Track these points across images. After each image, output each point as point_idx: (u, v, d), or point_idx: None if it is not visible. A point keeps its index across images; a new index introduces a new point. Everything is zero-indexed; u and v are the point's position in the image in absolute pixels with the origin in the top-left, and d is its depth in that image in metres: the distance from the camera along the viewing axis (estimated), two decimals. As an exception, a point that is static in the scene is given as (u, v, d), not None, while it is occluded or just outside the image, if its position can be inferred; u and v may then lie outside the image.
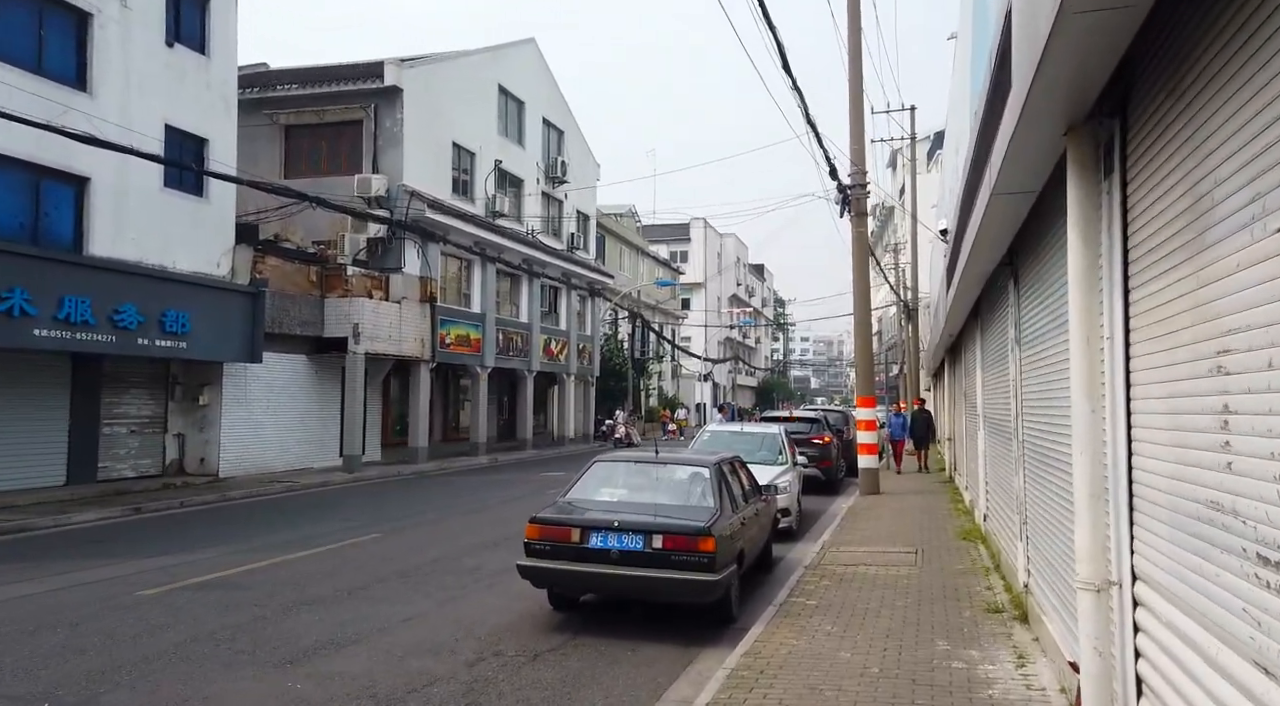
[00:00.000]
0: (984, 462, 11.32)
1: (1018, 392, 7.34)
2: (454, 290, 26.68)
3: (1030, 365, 6.66)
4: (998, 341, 9.06)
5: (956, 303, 11.00)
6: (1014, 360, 7.46)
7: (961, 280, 9.18)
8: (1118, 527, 3.65)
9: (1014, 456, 7.61)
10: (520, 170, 30.36)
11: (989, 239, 6.54)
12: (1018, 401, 7.35)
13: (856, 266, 17.36)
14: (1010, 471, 8.12)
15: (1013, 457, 7.75)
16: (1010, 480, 8.15)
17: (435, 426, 27.71)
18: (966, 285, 9.61)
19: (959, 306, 11.52)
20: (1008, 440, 8.24)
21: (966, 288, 9.81)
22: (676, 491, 8.22)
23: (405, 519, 13.96)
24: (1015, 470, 7.56)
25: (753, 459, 13.42)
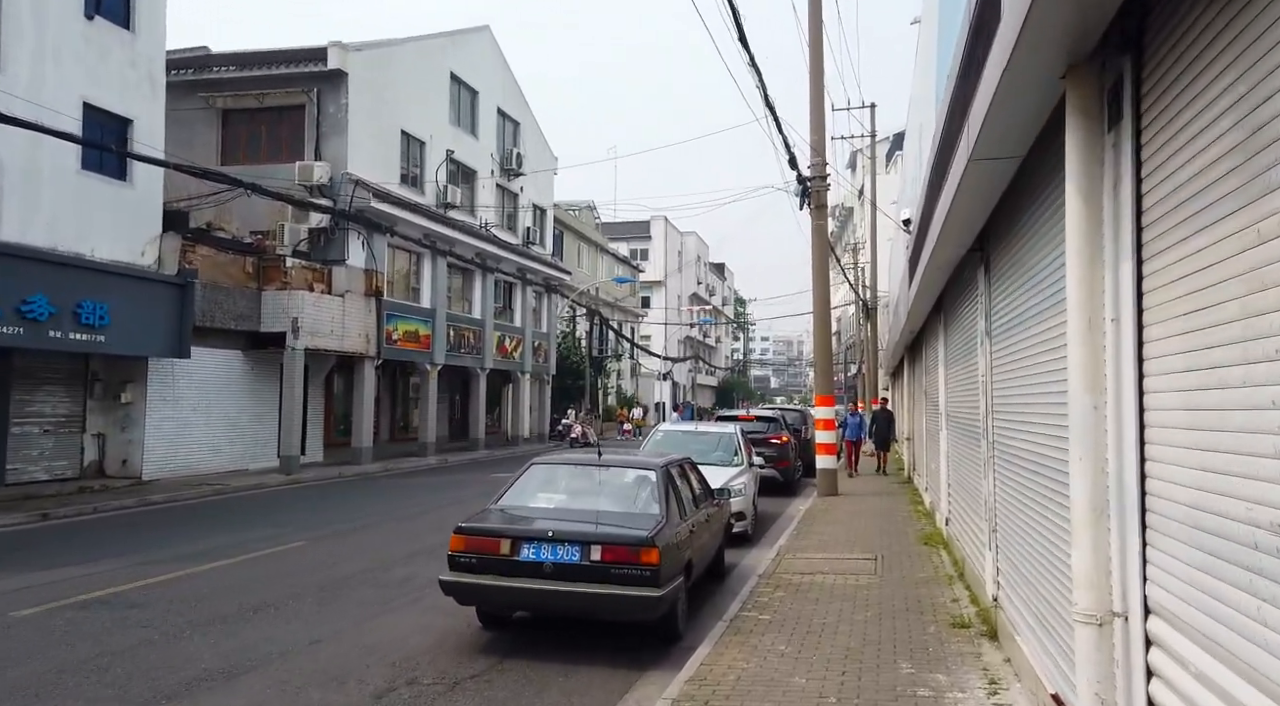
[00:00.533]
0: (946, 464, 10.80)
1: (988, 389, 6.76)
2: (402, 284, 25.68)
3: (1004, 359, 6.07)
4: (964, 335, 8.51)
5: (919, 296, 10.46)
6: (984, 354, 6.89)
7: (926, 271, 8.61)
8: (1124, 549, 3.03)
9: (982, 458, 7.04)
10: (473, 161, 29.42)
11: (960, 220, 5.93)
12: (988, 398, 6.77)
13: (816, 261, 16.83)
14: (977, 474, 7.55)
15: (981, 459, 7.18)
16: (977, 483, 7.59)
17: (382, 426, 26.69)
18: (930, 277, 9.05)
19: (922, 300, 10.99)
20: (975, 440, 7.67)
21: (930, 279, 9.25)
22: (619, 497, 7.52)
23: (337, 524, 13.06)
24: (984, 473, 6.99)
25: (707, 460, 12.80)
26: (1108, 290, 3.13)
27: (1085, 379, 3.11)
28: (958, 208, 5.43)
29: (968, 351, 8.24)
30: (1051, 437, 4.38)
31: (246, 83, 22.70)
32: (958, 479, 9.66)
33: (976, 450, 7.56)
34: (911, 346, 18.47)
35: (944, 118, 5.13)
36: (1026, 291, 5.09)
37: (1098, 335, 3.12)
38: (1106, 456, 3.09)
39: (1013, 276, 5.57)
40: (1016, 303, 5.46)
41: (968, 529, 8.56)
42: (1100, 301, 3.14)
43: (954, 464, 9.98)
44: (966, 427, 8.53)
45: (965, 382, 8.52)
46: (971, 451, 8.03)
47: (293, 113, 22.78)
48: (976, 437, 7.52)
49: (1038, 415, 4.81)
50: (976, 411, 7.52)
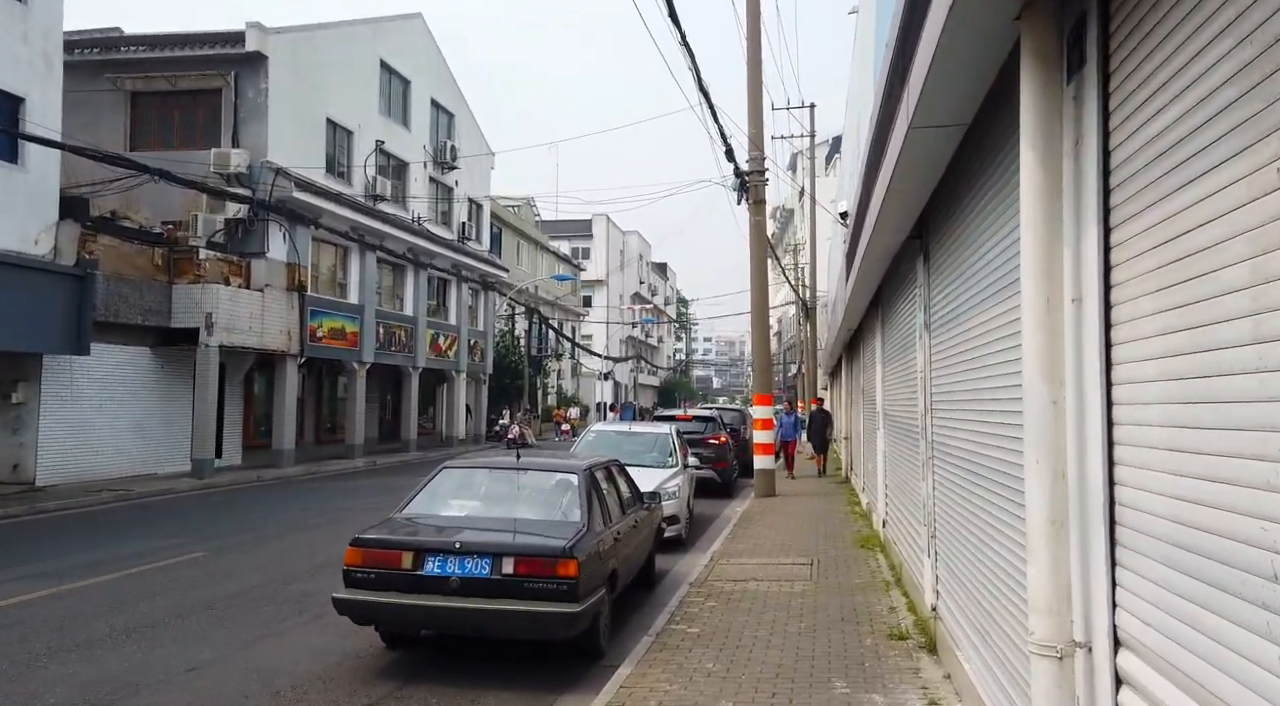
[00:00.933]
0: (884, 464, 10.49)
1: (927, 386, 6.38)
2: (328, 279, 24.61)
3: (945, 352, 5.68)
4: (902, 330, 8.16)
5: (857, 290, 10.12)
6: (922, 348, 6.51)
7: (863, 263, 8.23)
8: (1087, 568, 2.59)
9: (921, 459, 6.66)
10: (405, 153, 28.43)
11: (899, 201, 5.52)
12: (926, 396, 6.39)
13: (754, 257, 16.47)
14: (916, 476, 7.19)
15: (919, 460, 6.80)
16: (916, 485, 7.22)
17: (307, 427, 25.57)
18: (868, 269, 8.69)
19: (859, 295, 10.66)
20: (913, 440, 7.31)
21: (868, 272, 8.89)
22: (538, 503, 6.95)
23: (243, 532, 12.19)
24: (922, 475, 6.61)
25: (641, 461, 12.31)
26: (1067, 266, 2.69)
27: (1043, 368, 2.67)
28: (897, 186, 5.01)
29: (905, 347, 7.89)
30: (1001, 438, 3.96)
31: (158, 64, 21.42)
32: (896, 480, 9.33)
33: (915, 450, 7.19)
34: (850, 344, 18.27)
35: (882, 88, 4.70)
36: (972, 277, 4.69)
37: (1057, 318, 2.68)
38: (1067, 459, 2.65)
39: (956, 262, 5.17)
40: (960, 290, 5.06)
41: (905, 532, 8.21)
42: (1060, 279, 2.69)
43: (892, 464, 9.66)
44: (904, 427, 8.18)
45: (903, 380, 8.17)
46: (910, 452, 7.67)
47: (208, 97, 21.58)
48: (915, 437, 7.15)
49: (985, 412, 4.40)
50: (915, 410, 7.15)
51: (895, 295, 8.77)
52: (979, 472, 4.60)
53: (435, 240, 29.66)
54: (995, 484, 4.13)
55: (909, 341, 7.55)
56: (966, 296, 4.88)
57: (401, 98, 28.56)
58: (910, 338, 7.43)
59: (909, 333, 7.50)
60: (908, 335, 7.62)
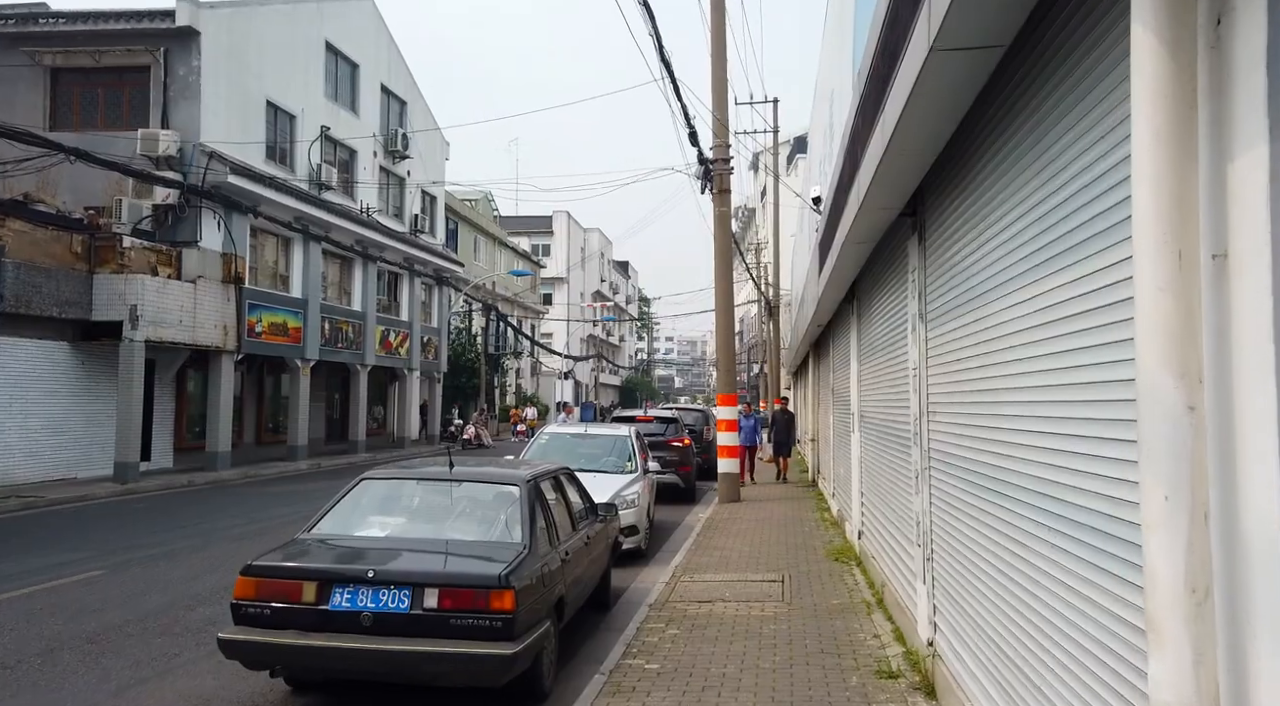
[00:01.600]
0: (860, 471, 9.68)
1: (922, 386, 5.54)
2: (269, 271, 23.26)
3: (949, 347, 4.84)
4: (886, 323, 7.32)
5: (832, 281, 9.28)
6: (916, 343, 5.67)
7: (842, 249, 7.38)
8: (1242, 659, 1.71)
9: (914, 469, 5.82)
10: (353, 140, 27.12)
11: (897, 166, 4.65)
12: (921, 397, 5.55)
13: (718, 249, 15.62)
14: (905, 487, 6.35)
15: (911, 470, 5.96)
16: (904, 498, 6.39)
17: (246, 428, 24.18)
18: (846, 258, 7.85)
19: (833, 288, 9.83)
20: (902, 447, 6.47)
21: (846, 261, 8.05)
22: (473, 520, 5.98)
23: (157, 545, 11.00)
24: (915, 487, 5.77)
25: (597, 467, 11.40)
26: (1204, 206, 1.82)
27: (1169, 358, 1.79)
28: (900, 141, 4.12)
29: (891, 342, 7.05)
30: (1045, 451, 3.09)
31: (80, 38, 19.92)
32: (874, 488, 8.51)
33: (904, 459, 6.36)
34: (818, 342, 17.52)
35: (886, 9, 3.81)
36: (992, 252, 3.83)
37: (1192, 283, 1.80)
38: (1208, 492, 1.77)
39: (967, 239, 4.32)
40: (975, 272, 4.20)
41: (889, 548, 7.38)
42: (1194, 224, 1.82)
43: (870, 471, 8.84)
44: (887, 431, 7.35)
45: (887, 378, 7.34)
46: (895, 460, 6.84)
47: (136, 74, 20.14)
48: (904, 444, 6.32)
49: (1016, 418, 3.53)
50: (903, 412, 6.31)
51: (877, 285, 7.95)
52: (1003, 492, 3.75)
53: (386, 232, 28.38)
54: (1031, 507, 3.27)
55: (896, 336, 6.72)
56: (984, 277, 4.02)
57: (350, 82, 27.24)
58: (898, 332, 6.60)
59: (896, 326, 6.67)
60: (895, 329, 6.78)
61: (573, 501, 7.12)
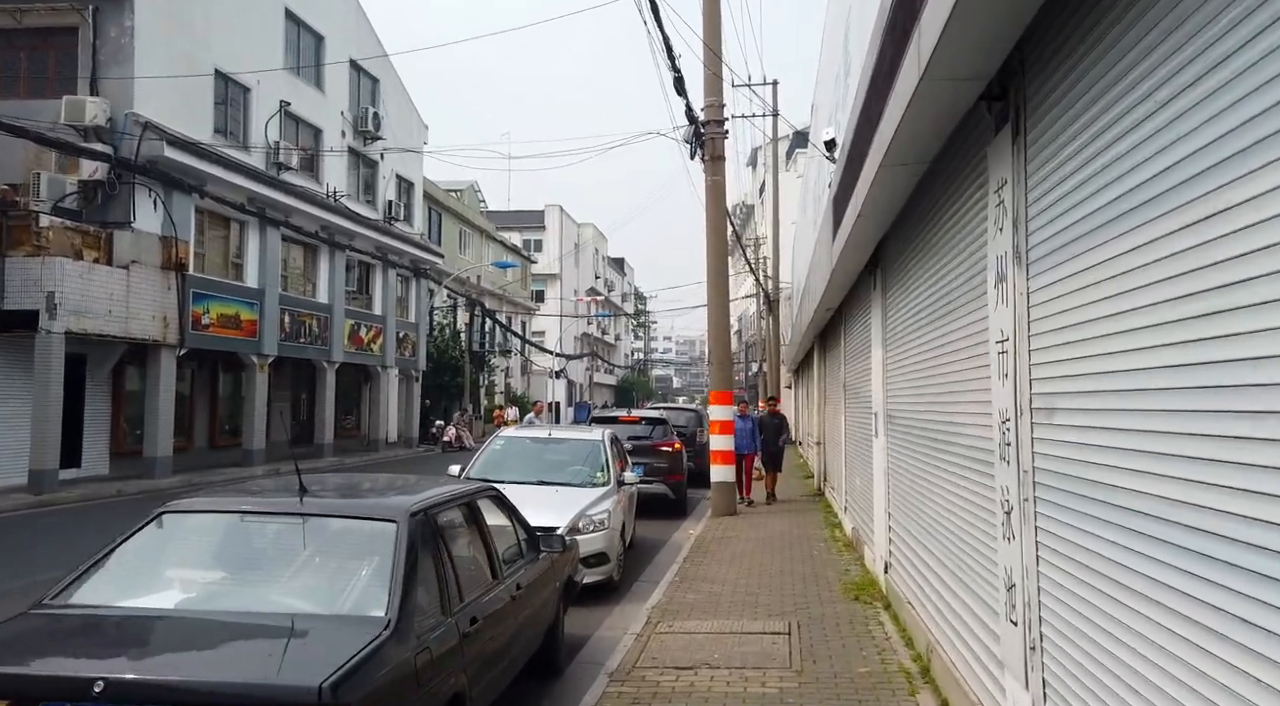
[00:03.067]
0: (887, 486, 7.62)
1: (1018, 368, 3.47)
2: (219, 258, 21.16)
3: (1084, 296, 2.77)
4: (939, 284, 5.25)
5: (851, 244, 7.20)
6: (1005, 300, 3.61)
7: (873, 187, 5.32)
8: None
9: (1001, 501, 3.75)
10: (318, 118, 25.03)
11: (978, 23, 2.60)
12: (1018, 386, 3.48)
13: (711, 224, 13.55)
14: (977, 525, 4.29)
15: (996, 502, 3.89)
16: (976, 541, 4.33)
17: (197, 430, 22.11)
18: (876, 200, 5.79)
19: (852, 252, 7.75)
20: (973, 464, 4.41)
21: (875, 207, 5.99)
22: (317, 580, 3.91)
23: (34, 572, 8.91)
24: (1006, 530, 3.70)
25: (560, 478, 9.34)
26: None
27: None
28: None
29: (947, 307, 4.98)
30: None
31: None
32: (911, 511, 6.45)
33: (975, 481, 4.29)
34: (824, 332, 15.46)
35: None
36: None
37: None
38: None
39: (1125, 101, 2.24)
40: (1140, 162, 2.13)
41: (940, 601, 5.32)
42: None
43: (903, 489, 6.78)
44: (939, 438, 5.28)
45: (940, 362, 5.27)
46: (957, 480, 4.77)
47: (63, 37, 18.05)
48: (976, 459, 4.26)
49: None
50: (975, 410, 4.26)
51: (923, 231, 5.87)
52: (1211, 554, 1.69)
53: (355, 219, 26.30)
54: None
55: (957, 298, 4.65)
56: (1158, 175, 1.95)
57: (314, 55, 25.14)
58: (962, 290, 4.54)
59: (959, 283, 4.60)
60: (955, 288, 4.71)
61: (494, 537, 5.05)
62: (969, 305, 4.33)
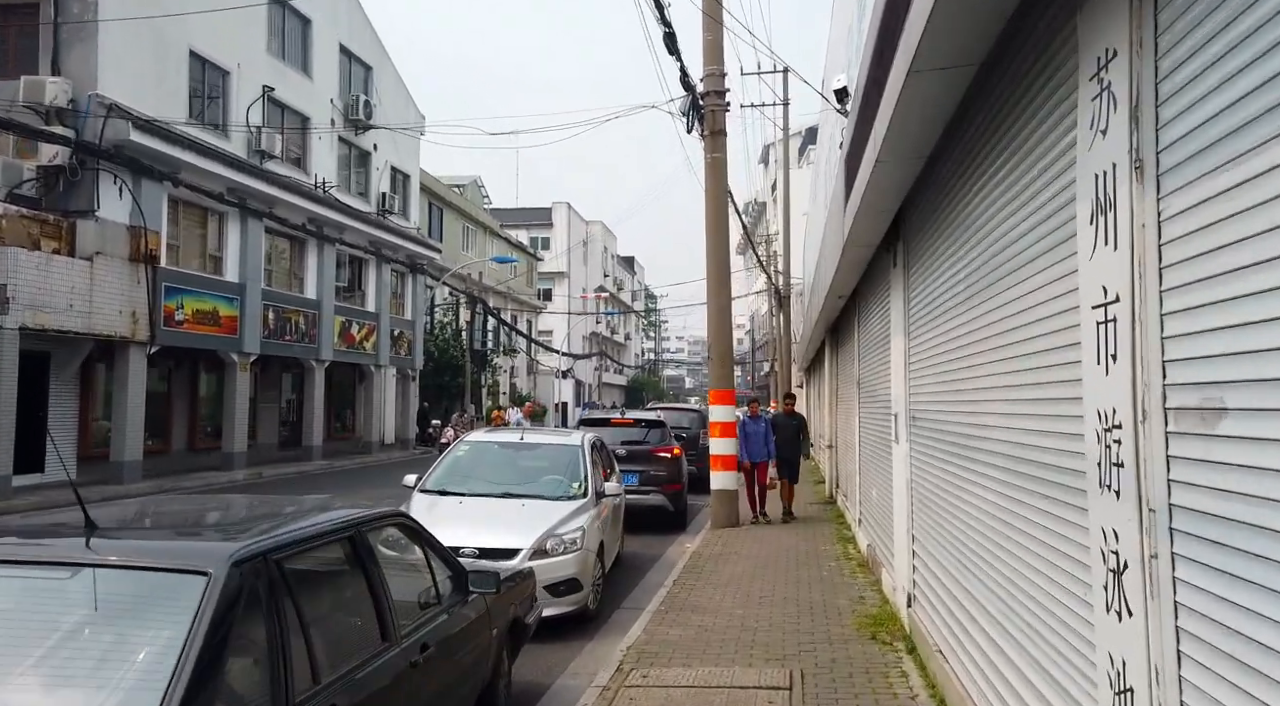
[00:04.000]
0: (910, 502, 6.33)
1: (1128, 345, 2.19)
2: (195, 250, 20.04)
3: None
4: (1008, 232, 3.96)
5: (869, 201, 5.91)
6: (1125, 234, 2.32)
7: (902, 103, 4.05)
8: None
9: (1097, 548, 2.46)
10: (305, 105, 23.91)
11: None
12: (1136, 371, 2.19)
13: (711, 204, 12.27)
14: (1059, 582, 3.01)
15: (1091, 549, 2.60)
16: (1058, 603, 3.04)
17: (175, 432, 21.03)
18: (904, 131, 4.51)
19: (867, 220, 6.46)
20: (1058, 492, 3.11)
21: (903, 139, 4.71)
22: (63, 670, 2.64)
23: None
24: (1116, 599, 2.42)
25: (529, 490, 8.10)
26: None
27: None
28: None
29: (993, 279, 3.70)
30: None
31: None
32: (944, 538, 5.17)
33: (1039, 510, 3.00)
34: (835, 325, 14.15)
35: None
36: None
37: None
38: None
39: None
40: None
41: (988, 659, 4.02)
42: None
43: (930, 508, 5.49)
44: (973, 449, 3.99)
45: (981, 351, 3.98)
46: (1003, 503, 3.48)
47: (21, 13, 16.98)
48: (1035, 480, 2.97)
49: None
50: (1025, 418, 2.98)
51: (962, 174, 4.58)
52: None
53: (346, 211, 25.17)
54: None
55: (1014, 258, 3.37)
56: None
57: (300, 39, 24.02)
58: (1024, 248, 3.25)
59: (1025, 235, 3.31)
60: (1010, 247, 3.43)
61: (394, 581, 3.79)
62: (1041, 260, 3.04)
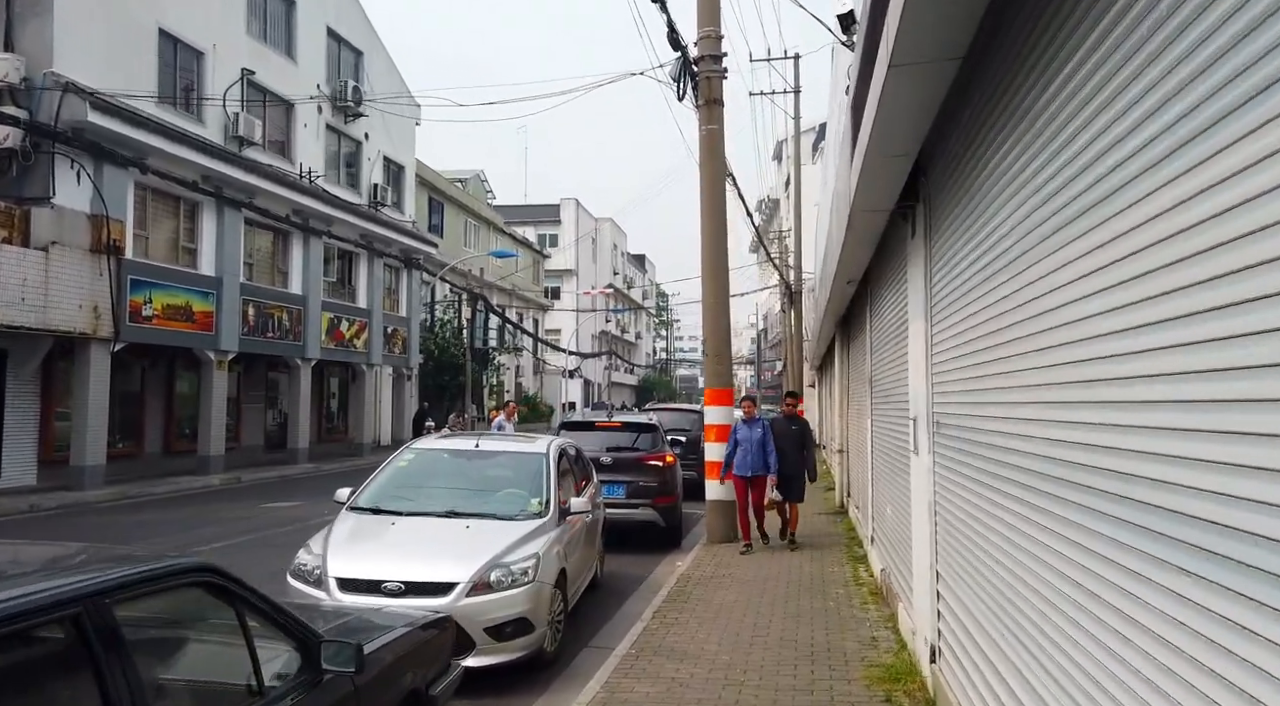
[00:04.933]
0: (933, 531, 5.02)
1: None
2: (167, 241, 18.94)
3: None
4: (1108, 135, 2.66)
5: (879, 139, 4.60)
6: None
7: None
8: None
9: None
10: (289, 90, 22.77)
11: None
12: None
13: (706, 180, 10.98)
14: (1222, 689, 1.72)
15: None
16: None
17: (149, 434, 19.96)
18: (918, 26, 3.22)
19: (879, 170, 5.15)
20: (1151, 533, 1.81)
21: (921, 34, 3.41)
22: None
23: None
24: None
25: (479, 507, 6.85)
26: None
27: None
28: None
29: (1073, 215, 2.40)
30: None
31: (-96, -60, 15.72)
32: (977, 578, 3.86)
33: (1166, 573, 1.71)
34: (847, 316, 12.82)
35: None
36: None
37: None
38: None
39: None
40: None
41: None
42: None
43: (961, 539, 4.19)
44: (1024, 469, 2.69)
45: (1041, 328, 2.68)
46: (1077, 551, 2.18)
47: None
48: (1162, 539, 1.67)
49: None
50: (1126, 433, 1.69)
51: (1022, 66, 3.28)
52: None
53: (335, 202, 24.04)
54: None
55: (1116, 175, 2.07)
56: None
57: (284, 21, 22.90)
58: (1134, 155, 1.96)
59: (1134, 133, 2.02)
60: (1109, 152, 2.13)
61: (166, 672, 2.53)
62: (1172, 162, 1.74)
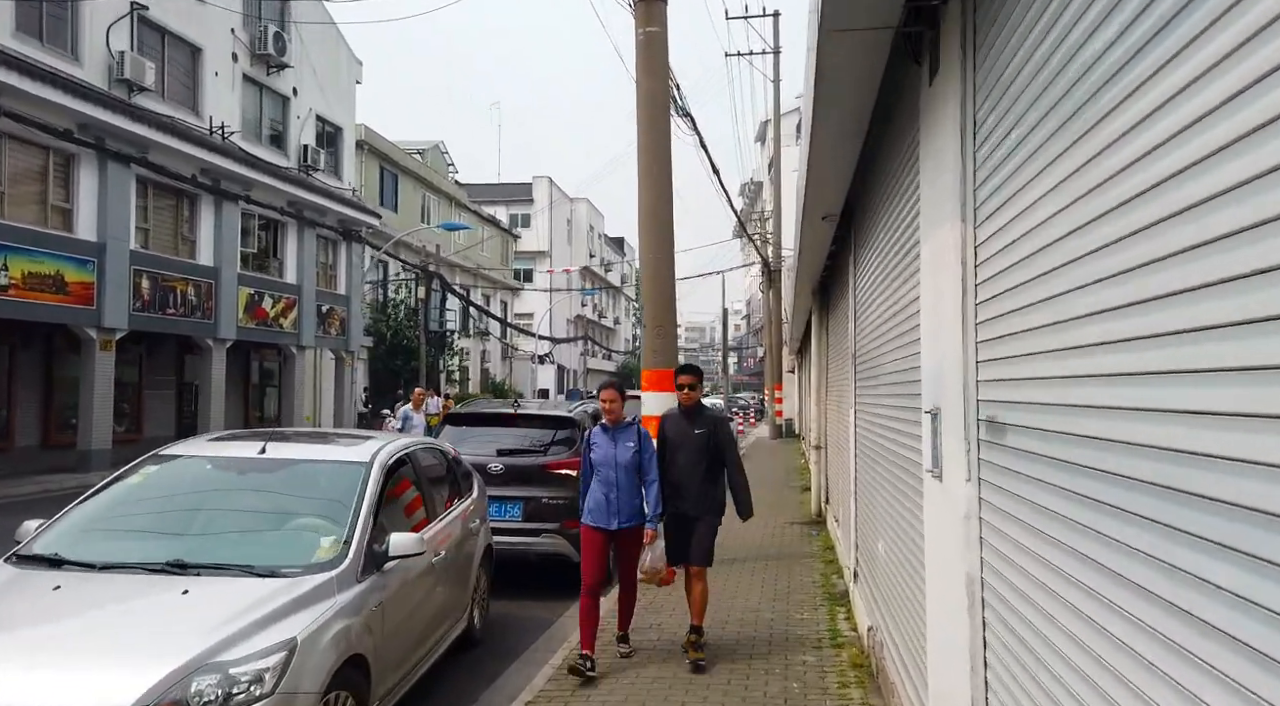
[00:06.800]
0: (975, 624, 2.49)
1: None
2: (31, 199, 16.14)
3: None
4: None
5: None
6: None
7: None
8: None
9: None
10: (194, 33, 19.93)
11: None
12: None
13: (644, 103, 8.37)
14: None
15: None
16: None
17: (22, 425, 17.27)
18: None
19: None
20: None
21: None
22: None
23: None
24: None
25: (221, 557, 4.24)
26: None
27: None
28: None
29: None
30: None
31: None
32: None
33: None
34: (825, 278, 10.28)
35: None
36: None
37: None
38: None
39: None
40: None
41: None
42: None
43: (1062, 653, 1.64)
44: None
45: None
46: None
47: None
48: None
49: None
50: None
51: None
52: None
53: (255, 164, 21.25)
54: None
55: None
56: None
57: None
58: None
59: None
60: None
61: None
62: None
